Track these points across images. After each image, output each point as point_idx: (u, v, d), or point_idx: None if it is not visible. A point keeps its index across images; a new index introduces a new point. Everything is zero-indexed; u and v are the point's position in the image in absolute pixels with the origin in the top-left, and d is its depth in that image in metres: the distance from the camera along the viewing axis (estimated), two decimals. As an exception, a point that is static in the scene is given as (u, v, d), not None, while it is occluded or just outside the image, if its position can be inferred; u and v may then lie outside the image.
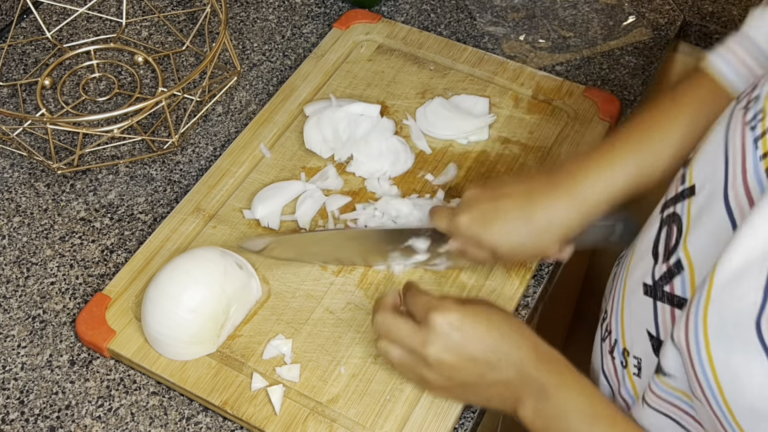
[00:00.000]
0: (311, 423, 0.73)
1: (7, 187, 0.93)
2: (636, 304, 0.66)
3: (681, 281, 0.61)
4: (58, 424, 0.75)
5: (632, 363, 0.67)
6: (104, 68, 1.05)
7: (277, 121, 0.96)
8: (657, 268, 0.64)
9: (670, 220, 0.64)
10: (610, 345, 0.71)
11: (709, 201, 0.60)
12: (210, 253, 0.78)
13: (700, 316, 0.54)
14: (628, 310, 0.68)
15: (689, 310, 0.55)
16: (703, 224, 0.60)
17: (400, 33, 1.06)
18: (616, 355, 0.69)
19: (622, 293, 0.69)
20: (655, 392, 0.62)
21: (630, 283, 0.68)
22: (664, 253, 0.64)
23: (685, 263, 0.61)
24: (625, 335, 0.68)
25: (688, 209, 0.62)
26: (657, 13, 1.13)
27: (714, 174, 0.60)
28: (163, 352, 0.76)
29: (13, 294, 0.84)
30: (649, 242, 0.66)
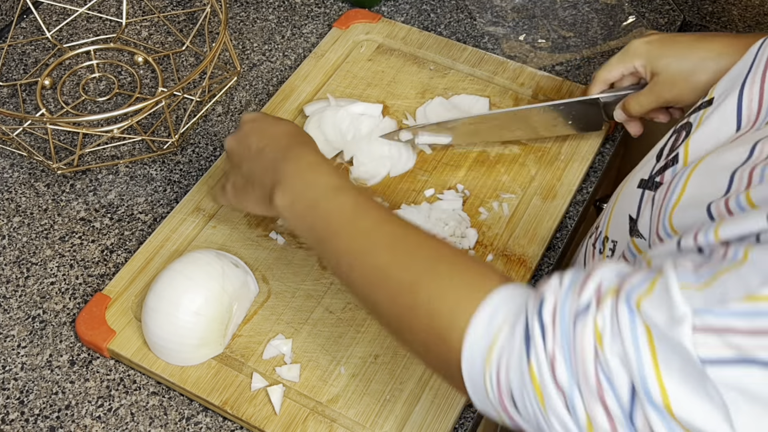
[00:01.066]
0: (311, 423, 0.73)
1: (7, 187, 0.93)
2: (627, 196, 0.69)
3: (672, 171, 0.64)
4: (58, 424, 0.75)
5: (608, 247, 0.69)
6: (104, 68, 1.05)
7: (277, 121, 0.96)
8: (657, 166, 0.67)
9: (682, 127, 0.67)
10: (595, 238, 0.74)
11: (722, 105, 0.63)
12: (206, 255, 0.78)
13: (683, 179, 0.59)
14: (618, 204, 0.71)
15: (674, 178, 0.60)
16: (709, 125, 0.63)
17: (400, 33, 1.06)
18: (597, 244, 0.72)
19: (618, 193, 0.72)
20: (626, 257, 0.65)
21: (629, 184, 0.71)
22: (667, 153, 0.67)
23: (681, 157, 0.64)
24: (610, 224, 0.71)
25: (701, 116, 0.65)
26: (657, 13, 1.13)
27: (734, 82, 0.63)
28: (170, 359, 0.76)
29: (13, 294, 0.84)
30: (657, 147, 0.70)
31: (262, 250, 0.85)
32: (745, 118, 0.60)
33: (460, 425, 0.75)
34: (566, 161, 0.92)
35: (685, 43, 0.80)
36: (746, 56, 0.66)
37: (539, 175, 0.91)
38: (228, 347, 0.78)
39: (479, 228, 0.86)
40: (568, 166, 0.92)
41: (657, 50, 0.81)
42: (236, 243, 0.85)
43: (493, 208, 0.88)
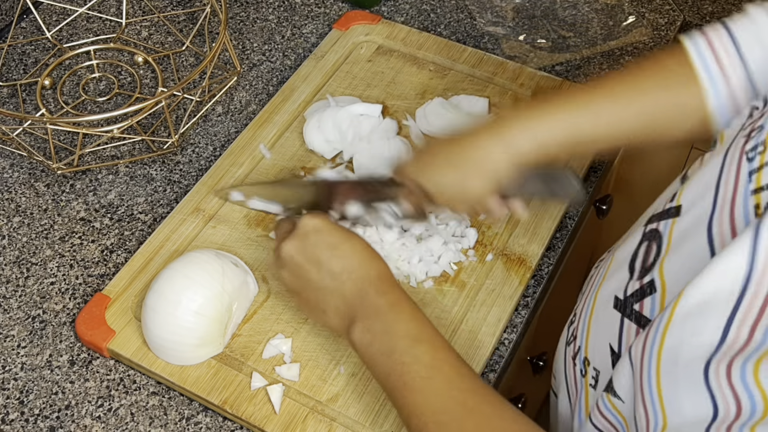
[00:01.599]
0: (311, 422, 0.73)
1: (7, 187, 0.93)
2: (604, 316, 0.66)
3: (651, 302, 0.60)
4: (58, 424, 0.75)
5: (591, 374, 0.67)
6: (104, 68, 1.05)
7: (277, 122, 0.96)
8: (630, 284, 0.63)
9: (651, 236, 0.63)
10: (574, 351, 0.71)
11: (692, 226, 0.58)
12: (205, 255, 0.78)
13: (658, 339, 0.54)
14: (595, 321, 0.68)
15: (649, 331, 0.55)
16: (682, 249, 0.59)
17: (400, 34, 1.06)
18: (578, 362, 0.69)
19: (593, 302, 0.69)
20: (602, 411, 0.62)
21: (602, 293, 0.67)
22: (640, 269, 0.63)
23: (659, 285, 0.60)
24: (589, 345, 0.68)
25: (670, 229, 0.61)
26: (657, 13, 1.13)
27: (703, 199, 0.58)
28: (170, 359, 0.76)
29: (13, 294, 0.84)
30: (627, 254, 0.65)
31: (261, 250, 0.85)
32: (718, 250, 0.56)
33: (459, 425, 0.75)
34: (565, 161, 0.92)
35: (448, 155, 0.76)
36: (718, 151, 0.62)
37: (539, 175, 0.91)
38: (228, 347, 0.78)
39: (479, 228, 0.86)
40: (567, 165, 0.91)
41: (419, 168, 0.77)
42: (236, 243, 0.85)
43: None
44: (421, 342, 0.66)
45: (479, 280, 0.83)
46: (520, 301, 0.83)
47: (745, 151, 0.56)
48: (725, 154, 0.59)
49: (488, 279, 0.83)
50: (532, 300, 0.83)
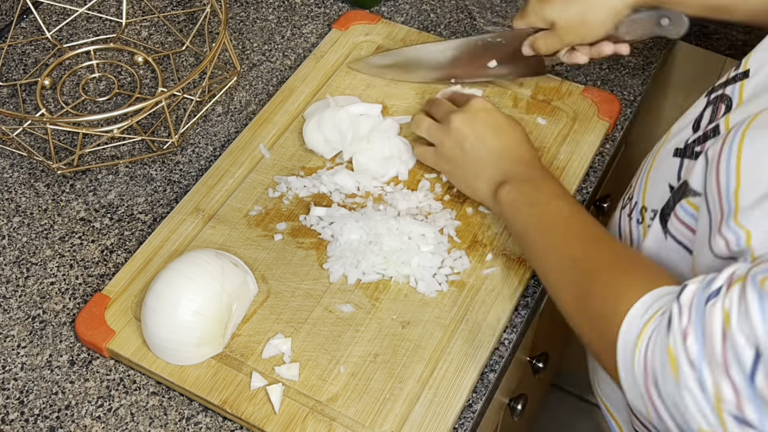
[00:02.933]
0: (310, 422, 0.73)
1: (7, 187, 0.93)
2: (664, 166, 0.73)
3: (714, 144, 0.64)
4: (58, 424, 0.75)
5: (648, 216, 0.74)
6: (104, 68, 1.05)
7: (277, 122, 0.96)
8: (693, 136, 0.69)
9: (718, 100, 0.69)
10: (630, 209, 0.78)
11: (763, 84, 0.64)
12: (205, 254, 0.78)
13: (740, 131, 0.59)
14: (654, 172, 0.75)
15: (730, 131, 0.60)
16: (754, 102, 0.64)
17: (399, 34, 1.06)
18: (634, 215, 0.77)
19: (651, 163, 0.76)
20: (681, 218, 0.68)
21: (662, 152, 0.74)
22: (706, 125, 0.68)
23: (723, 130, 0.66)
24: (647, 194, 0.75)
25: (740, 89, 0.67)
26: (656, 13, 1.13)
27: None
28: (170, 359, 0.76)
29: (12, 294, 0.84)
30: (691, 118, 0.72)
31: (261, 249, 0.85)
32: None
33: (459, 425, 0.75)
34: (565, 161, 0.92)
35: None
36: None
37: (539, 175, 0.91)
38: (227, 347, 0.78)
39: (479, 227, 0.86)
40: (568, 165, 0.92)
41: (546, 4, 0.88)
42: (236, 243, 0.85)
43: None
44: (562, 198, 0.77)
45: (479, 280, 0.83)
46: (520, 301, 0.83)
47: None
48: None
49: (488, 279, 0.83)
50: (532, 300, 0.83)
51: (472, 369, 0.76)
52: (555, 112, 0.97)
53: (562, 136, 0.94)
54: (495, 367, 0.79)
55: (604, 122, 0.96)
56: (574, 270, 0.70)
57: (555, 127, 0.95)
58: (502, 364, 0.79)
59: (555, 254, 0.73)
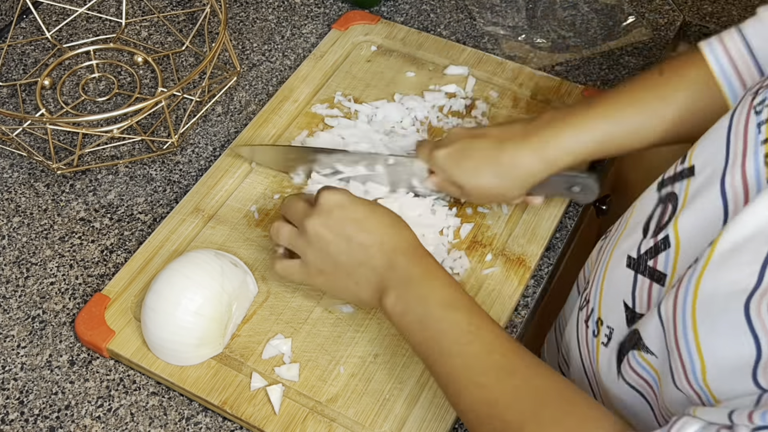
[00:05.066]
0: (310, 422, 0.73)
1: (6, 187, 0.93)
2: (617, 275, 0.67)
3: (665, 257, 0.62)
4: (58, 425, 0.75)
5: (604, 332, 0.68)
6: (104, 68, 1.05)
7: (277, 122, 0.96)
8: (644, 243, 0.65)
9: (667, 198, 0.65)
10: (587, 314, 0.72)
11: (706, 183, 0.60)
12: (205, 254, 0.78)
13: (691, 290, 0.55)
14: (608, 281, 0.69)
15: (680, 284, 0.56)
16: (696, 205, 0.61)
17: (399, 34, 1.06)
18: (591, 324, 0.71)
19: (606, 265, 0.70)
20: (633, 367, 0.63)
21: (615, 255, 0.69)
22: (654, 229, 0.65)
23: (673, 240, 0.62)
24: (602, 305, 0.69)
25: (686, 189, 0.63)
26: (657, 13, 1.13)
27: (715, 156, 0.61)
28: (170, 359, 0.76)
29: (12, 294, 0.84)
30: (642, 218, 0.67)
31: (261, 250, 0.85)
32: (732, 204, 0.57)
33: (459, 425, 0.75)
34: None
35: (483, 155, 0.80)
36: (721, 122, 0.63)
37: (538, 175, 0.91)
38: (227, 347, 0.78)
39: (478, 228, 0.86)
40: (568, 166, 0.91)
41: (454, 164, 0.81)
42: (235, 243, 0.85)
43: (492, 208, 0.88)
44: (457, 309, 0.67)
45: (478, 280, 0.83)
46: (519, 302, 0.83)
47: (753, 106, 0.59)
48: (732, 114, 0.61)
49: (487, 279, 0.83)
50: (532, 300, 0.83)
51: (472, 369, 0.76)
52: (555, 113, 0.97)
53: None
54: (495, 367, 0.79)
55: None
56: (493, 420, 0.61)
57: (555, 128, 0.95)
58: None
59: (466, 395, 0.63)
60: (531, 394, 0.61)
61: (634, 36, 1.09)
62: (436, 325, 0.66)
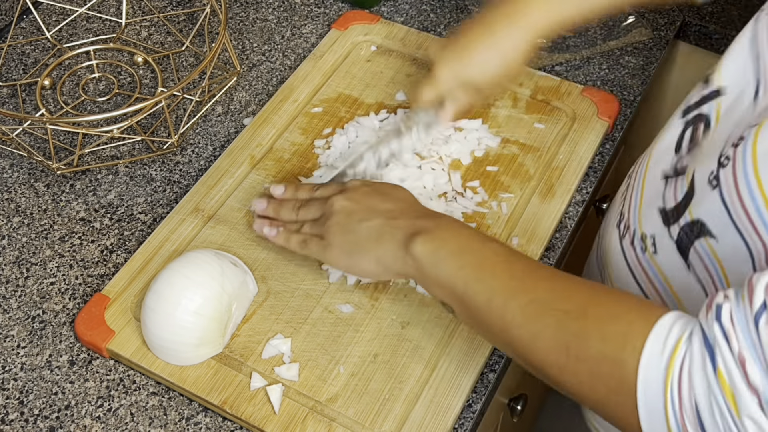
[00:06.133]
0: (310, 422, 0.73)
1: (6, 187, 0.93)
2: (654, 193, 0.71)
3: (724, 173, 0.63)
4: (58, 425, 0.75)
5: (649, 243, 0.70)
6: (104, 68, 1.05)
7: (277, 122, 0.96)
8: (679, 160, 0.68)
9: (696, 120, 0.68)
10: (631, 238, 0.75)
11: (738, 97, 0.64)
12: (205, 254, 0.78)
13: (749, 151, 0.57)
14: (646, 201, 0.72)
15: (736, 153, 0.59)
16: (732, 117, 0.63)
17: (399, 34, 1.06)
18: (636, 243, 0.73)
19: (640, 189, 0.74)
20: (702, 257, 0.65)
21: (649, 178, 0.72)
22: (687, 146, 0.68)
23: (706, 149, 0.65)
24: (642, 221, 0.72)
25: (717, 109, 0.66)
26: (656, 13, 1.13)
27: (744, 74, 0.64)
28: (170, 359, 0.76)
29: (12, 294, 0.84)
30: (671, 141, 0.71)
31: (261, 249, 0.85)
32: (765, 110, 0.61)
33: (459, 425, 0.75)
34: (565, 160, 0.92)
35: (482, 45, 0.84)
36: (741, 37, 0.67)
37: (538, 175, 0.91)
38: (227, 347, 0.78)
39: (478, 227, 0.86)
40: (567, 165, 0.92)
41: (462, 66, 0.85)
42: (235, 243, 0.85)
43: (492, 208, 0.88)
44: (492, 240, 0.69)
45: (479, 280, 0.83)
46: (519, 301, 0.83)
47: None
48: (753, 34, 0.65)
49: (488, 279, 0.83)
50: (532, 300, 0.83)
51: (472, 369, 0.76)
52: (554, 112, 0.97)
53: (561, 136, 0.94)
54: (495, 367, 0.79)
55: (604, 122, 0.96)
56: (549, 312, 0.61)
57: (554, 127, 0.95)
58: (502, 364, 0.79)
59: (515, 301, 0.63)
60: (585, 288, 0.62)
61: (634, 36, 1.09)
62: (476, 253, 0.67)
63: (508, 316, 0.63)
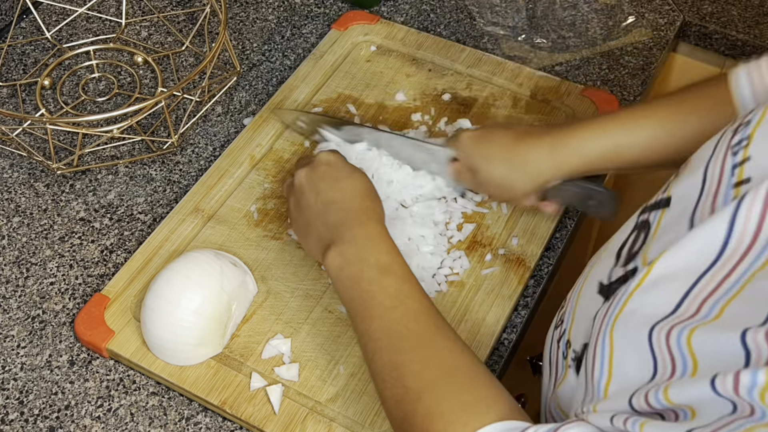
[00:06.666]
0: (310, 422, 0.73)
1: (6, 187, 0.93)
2: (589, 300, 0.68)
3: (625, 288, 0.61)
4: (58, 425, 0.75)
5: (571, 356, 0.69)
6: (104, 68, 1.05)
7: (276, 122, 0.96)
8: (615, 270, 0.64)
9: (642, 226, 0.65)
10: (560, 334, 0.73)
11: (677, 216, 0.60)
12: (204, 254, 0.78)
13: (620, 305, 0.57)
14: (580, 306, 0.70)
15: (615, 297, 0.58)
16: (664, 238, 0.60)
17: (399, 34, 1.06)
18: (561, 345, 0.71)
19: (581, 288, 0.71)
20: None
21: (590, 279, 0.69)
22: (626, 257, 0.64)
23: (641, 268, 0.61)
24: (573, 329, 0.70)
25: (659, 219, 0.62)
26: (657, 13, 1.13)
27: (690, 191, 0.60)
28: (169, 359, 0.76)
29: (12, 294, 0.84)
30: (618, 243, 0.67)
31: (260, 250, 0.85)
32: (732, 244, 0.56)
33: (458, 425, 0.75)
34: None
35: (502, 145, 0.82)
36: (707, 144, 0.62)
37: (538, 175, 0.91)
38: (227, 347, 0.78)
39: (478, 227, 0.86)
40: (567, 166, 0.91)
41: (474, 149, 0.83)
42: (235, 243, 0.85)
43: (492, 207, 0.88)
44: (390, 274, 0.69)
45: (478, 280, 0.83)
46: (519, 302, 0.83)
47: (730, 146, 0.58)
48: (713, 149, 0.60)
49: (487, 279, 0.83)
50: (532, 300, 0.83)
51: (472, 369, 0.76)
52: (554, 112, 0.97)
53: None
54: (495, 367, 0.79)
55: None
56: (397, 384, 0.63)
57: (555, 128, 0.95)
58: (501, 364, 0.79)
59: (379, 357, 0.65)
60: (437, 366, 0.63)
61: (634, 36, 1.09)
62: (368, 286, 0.68)
63: (372, 366, 0.66)
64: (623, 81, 1.03)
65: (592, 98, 0.98)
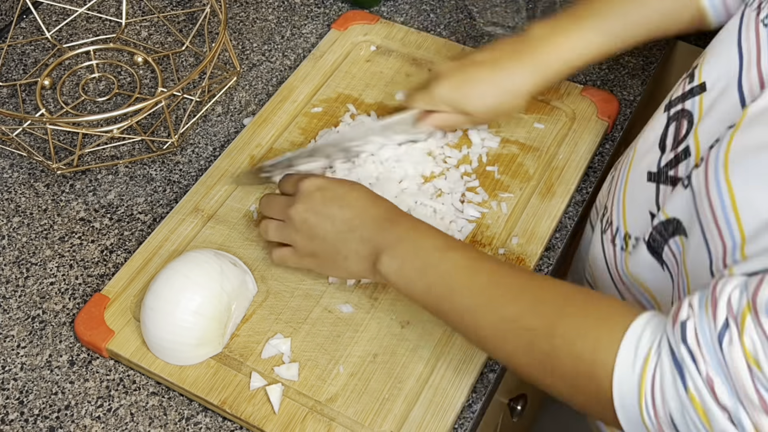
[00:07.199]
0: (310, 422, 0.73)
1: (6, 187, 0.93)
2: (639, 191, 0.71)
3: (686, 166, 0.65)
4: (58, 425, 0.75)
5: (631, 243, 0.71)
6: (104, 68, 1.05)
7: (276, 122, 0.96)
8: (663, 157, 0.68)
9: (679, 115, 0.69)
10: (612, 234, 0.75)
11: (721, 93, 0.64)
12: (204, 254, 0.78)
13: (722, 153, 0.58)
14: (630, 199, 0.72)
15: (709, 154, 0.60)
16: (714, 113, 0.64)
17: (398, 34, 1.06)
18: (618, 241, 0.74)
19: (624, 186, 0.74)
20: (675, 254, 0.66)
21: (633, 176, 0.72)
22: (672, 143, 0.68)
23: (693, 149, 0.66)
24: (627, 221, 0.72)
25: (699, 104, 0.67)
26: (656, 12, 1.12)
27: (728, 67, 0.65)
28: (169, 359, 0.76)
29: (12, 294, 0.84)
30: (655, 138, 0.71)
31: (260, 249, 0.85)
32: (749, 100, 0.62)
33: (459, 425, 0.75)
34: (564, 160, 0.92)
35: (484, 80, 0.84)
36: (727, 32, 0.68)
37: (537, 174, 0.91)
38: (227, 347, 0.78)
39: (478, 227, 0.86)
40: (567, 165, 0.92)
41: (460, 95, 0.85)
42: (235, 243, 0.85)
43: (491, 207, 0.88)
44: (450, 249, 0.69)
45: (478, 280, 0.83)
46: (519, 301, 0.83)
47: (760, 20, 0.63)
48: (738, 30, 0.65)
49: (487, 279, 0.83)
50: (531, 300, 0.83)
51: (472, 369, 0.76)
52: (554, 112, 0.97)
53: (560, 136, 0.94)
54: (495, 367, 0.79)
55: (603, 122, 0.96)
56: (520, 332, 0.62)
57: (554, 127, 0.95)
58: (501, 364, 0.79)
59: (484, 320, 0.65)
60: (550, 299, 0.62)
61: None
62: (437, 269, 0.68)
63: (482, 333, 0.65)
64: (623, 81, 1.03)
65: (591, 98, 0.98)
